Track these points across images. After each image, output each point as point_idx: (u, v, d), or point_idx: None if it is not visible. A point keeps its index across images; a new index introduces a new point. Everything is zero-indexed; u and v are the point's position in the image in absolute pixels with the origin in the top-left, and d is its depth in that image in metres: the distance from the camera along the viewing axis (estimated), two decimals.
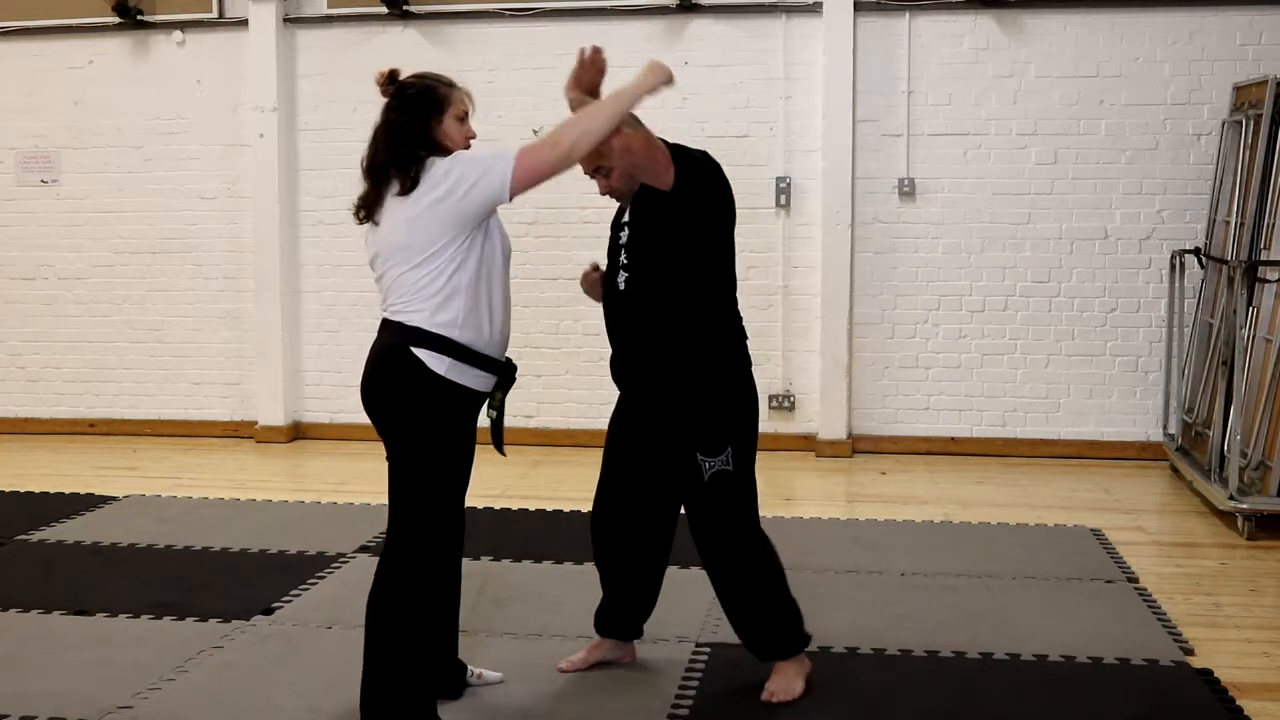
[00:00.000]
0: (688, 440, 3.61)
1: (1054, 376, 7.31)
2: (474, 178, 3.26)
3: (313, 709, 3.72)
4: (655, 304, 3.60)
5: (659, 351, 3.63)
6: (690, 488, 3.65)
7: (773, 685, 3.73)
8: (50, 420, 8.16)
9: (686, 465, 3.62)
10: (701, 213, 3.58)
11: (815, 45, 7.29)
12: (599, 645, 4.02)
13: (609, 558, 3.90)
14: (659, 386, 3.65)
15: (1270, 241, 6.02)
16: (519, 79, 7.44)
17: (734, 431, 3.64)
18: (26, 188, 8.08)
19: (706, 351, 3.63)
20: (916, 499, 6.37)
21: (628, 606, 3.95)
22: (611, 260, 3.72)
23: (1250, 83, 6.56)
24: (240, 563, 5.22)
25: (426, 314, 3.31)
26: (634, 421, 3.76)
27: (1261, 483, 5.73)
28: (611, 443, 3.85)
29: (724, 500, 3.64)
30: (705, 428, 3.61)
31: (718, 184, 3.61)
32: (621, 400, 3.83)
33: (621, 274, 3.64)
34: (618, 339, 3.72)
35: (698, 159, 3.59)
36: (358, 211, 3.43)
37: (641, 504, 3.80)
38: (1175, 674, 4.00)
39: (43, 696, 3.80)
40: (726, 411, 3.64)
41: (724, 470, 3.61)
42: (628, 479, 3.80)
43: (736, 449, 3.64)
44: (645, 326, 3.63)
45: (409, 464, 3.37)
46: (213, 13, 7.78)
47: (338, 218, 6.97)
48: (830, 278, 7.29)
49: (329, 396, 7.87)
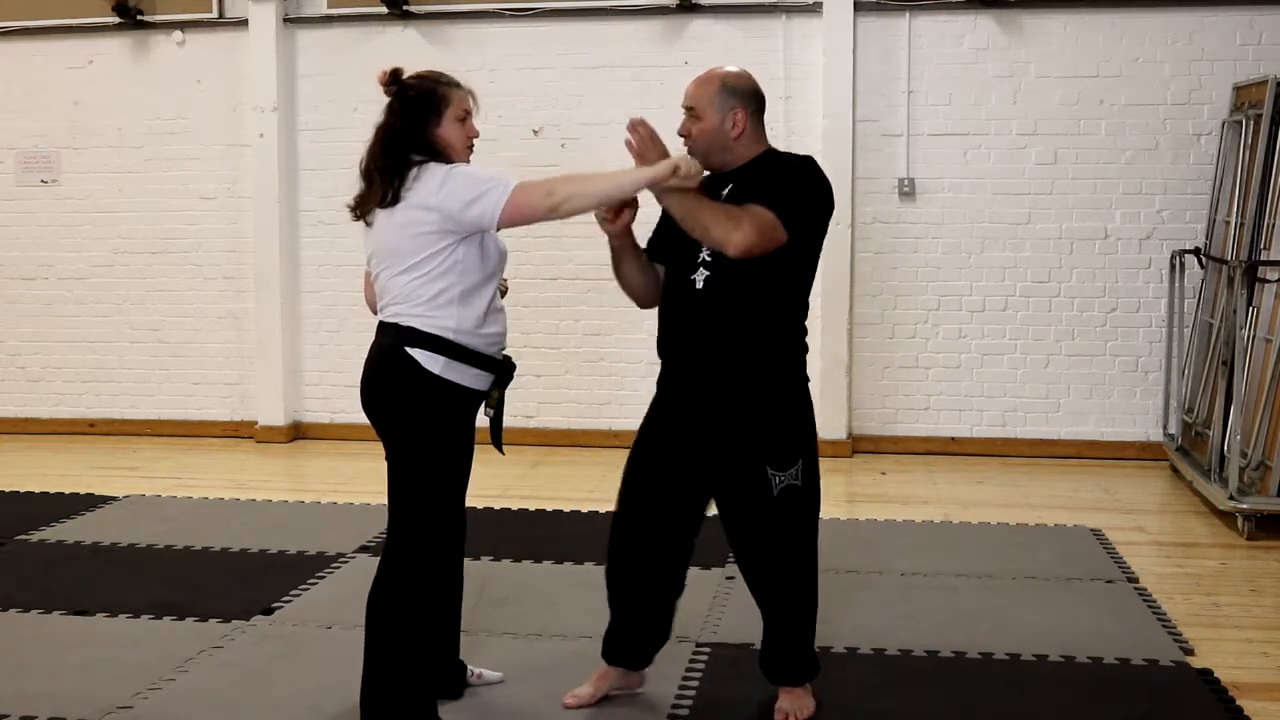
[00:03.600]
0: (759, 453, 3.43)
1: (1054, 376, 7.31)
2: (466, 198, 3.23)
3: (313, 709, 3.72)
4: (738, 307, 3.38)
5: (733, 358, 3.41)
6: (755, 503, 3.46)
7: (785, 705, 3.61)
8: (50, 420, 8.16)
9: (754, 479, 3.44)
10: (807, 221, 3.39)
11: (815, 45, 7.29)
12: (606, 674, 3.77)
13: (629, 578, 3.65)
14: (729, 395, 3.43)
15: (1270, 241, 6.02)
16: (519, 79, 7.44)
17: (804, 445, 3.50)
18: (26, 188, 8.08)
19: (781, 362, 3.46)
20: (916, 499, 6.37)
21: (644, 632, 3.72)
22: (683, 255, 3.46)
23: (1250, 83, 6.56)
24: (240, 563, 5.22)
25: (421, 315, 3.32)
26: (679, 430, 3.52)
27: (1261, 483, 5.73)
28: (644, 454, 3.60)
29: (791, 517, 3.48)
30: (778, 440, 3.44)
31: (826, 194, 3.45)
32: (661, 408, 3.58)
33: (701, 271, 3.41)
34: (684, 341, 3.48)
35: (819, 174, 3.43)
36: (353, 210, 3.44)
37: (674, 522, 3.58)
38: (1175, 674, 4.00)
39: (43, 696, 3.80)
40: (797, 423, 3.49)
41: (793, 485, 3.45)
42: (661, 495, 3.56)
43: (806, 464, 3.49)
44: (722, 330, 3.41)
45: (407, 464, 3.37)
46: (213, 13, 7.78)
47: (338, 218, 6.96)
48: (830, 278, 7.28)
49: (329, 396, 7.87)
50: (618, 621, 3.72)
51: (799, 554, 3.55)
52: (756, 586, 3.60)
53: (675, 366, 3.54)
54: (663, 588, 3.67)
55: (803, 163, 3.46)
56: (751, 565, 3.58)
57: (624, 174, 3.29)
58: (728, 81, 3.44)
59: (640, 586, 3.65)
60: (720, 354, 3.43)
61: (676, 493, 3.56)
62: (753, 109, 3.46)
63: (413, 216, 3.28)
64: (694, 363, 3.48)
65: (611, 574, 3.68)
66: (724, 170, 3.46)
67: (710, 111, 3.42)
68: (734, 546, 3.60)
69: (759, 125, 3.48)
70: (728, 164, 3.46)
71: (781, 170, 3.42)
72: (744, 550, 3.57)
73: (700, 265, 3.42)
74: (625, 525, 3.63)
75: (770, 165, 3.45)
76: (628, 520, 3.62)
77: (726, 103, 3.42)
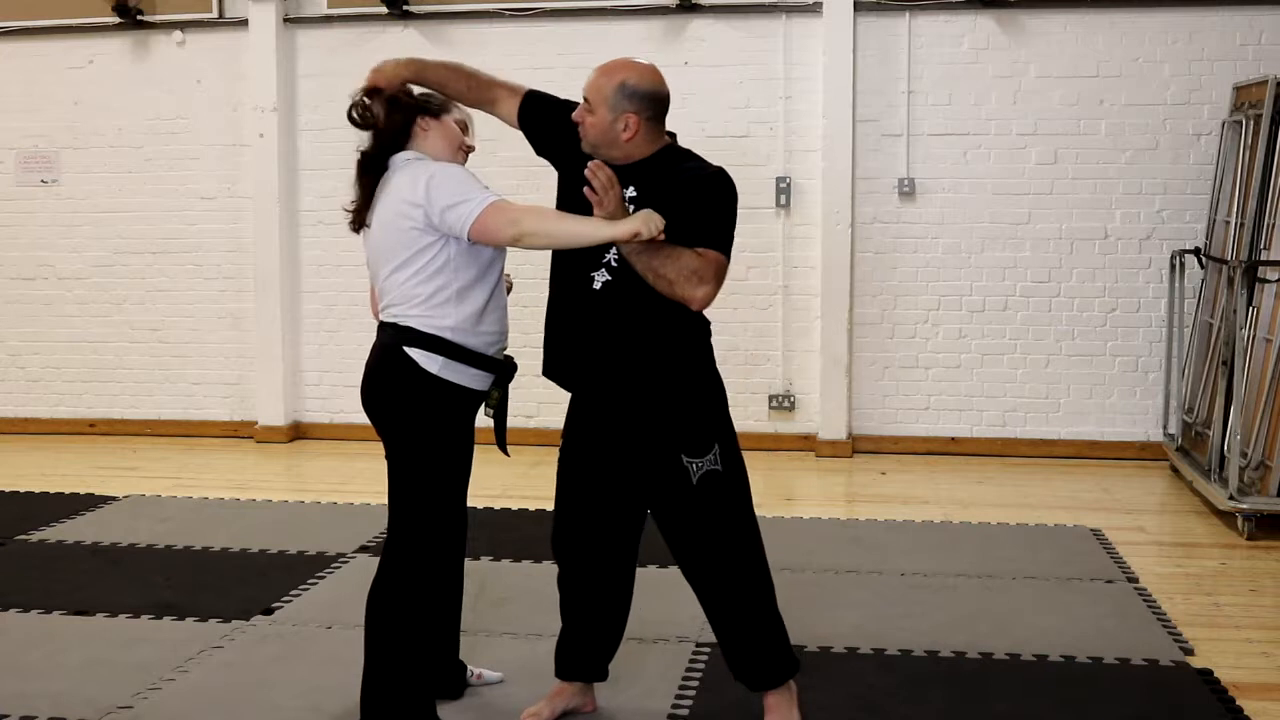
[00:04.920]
0: (670, 443, 3.36)
1: (1054, 376, 7.31)
2: (445, 202, 3.25)
3: (313, 709, 3.72)
4: (637, 309, 3.31)
5: (633, 352, 3.34)
6: (677, 494, 3.38)
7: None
8: (50, 420, 8.16)
9: (671, 470, 3.37)
10: (732, 239, 3.34)
11: (815, 45, 7.29)
12: (561, 692, 3.68)
13: (576, 587, 3.59)
14: (631, 389, 3.37)
15: (1270, 241, 6.02)
16: (519, 79, 7.36)
17: (719, 429, 3.40)
18: (26, 188, 8.08)
19: (683, 351, 3.38)
20: (916, 499, 6.37)
21: (596, 643, 3.64)
22: (579, 254, 3.35)
23: (1250, 83, 6.56)
24: (240, 563, 5.22)
25: (419, 315, 3.33)
26: (596, 435, 3.46)
27: (1261, 483, 5.73)
28: (568, 463, 3.54)
29: (716, 503, 3.39)
30: (688, 427, 3.36)
31: (736, 206, 3.36)
32: (574, 414, 3.53)
33: (602, 272, 3.33)
34: (579, 340, 3.40)
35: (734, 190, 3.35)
36: (352, 223, 3.47)
37: (610, 524, 3.50)
38: (1175, 674, 4.01)
39: (43, 696, 3.80)
40: (707, 408, 3.40)
41: (713, 470, 3.37)
42: (592, 498, 3.49)
43: (723, 446, 3.39)
44: (621, 328, 3.34)
45: (407, 464, 3.37)
46: (213, 13, 7.78)
47: (337, 218, 6.91)
48: (830, 278, 7.29)
49: (329, 396, 7.87)
50: (570, 634, 3.65)
51: (735, 543, 3.42)
52: (700, 586, 3.47)
53: (578, 373, 3.45)
54: (610, 594, 3.59)
55: (723, 181, 3.33)
56: (689, 562, 3.47)
57: (588, 225, 3.22)
58: (628, 82, 3.30)
59: (588, 595, 3.59)
60: (622, 353, 3.35)
61: (607, 503, 3.48)
62: (649, 114, 3.32)
63: (400, 210, 3.31)
64: (589, 360, 3.40)
65: (562, 584, 3.63)
66: (617, 164, 3.31)
67: (603, 109, 3.30)
68: (670, 547, 3.49)
69: (656, 126, 3.35)
70: (618, 159, 3.34)
71: (708, 193, 3.29)
72: (678, 548, 3.47)
73: (604, 266, 3.32)
74: (562, 537, 3.57)
75: (687, 179, 3.31)
76: (564, 532, 3.56)
77: (621, 105, 3.29)
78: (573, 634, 3.65)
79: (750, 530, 3.45)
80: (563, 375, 3.49)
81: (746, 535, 3.44)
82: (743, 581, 3.44)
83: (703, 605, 3.52)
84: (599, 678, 3.70)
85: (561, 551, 3.59)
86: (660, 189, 3.30)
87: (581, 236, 3.25)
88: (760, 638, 3.48)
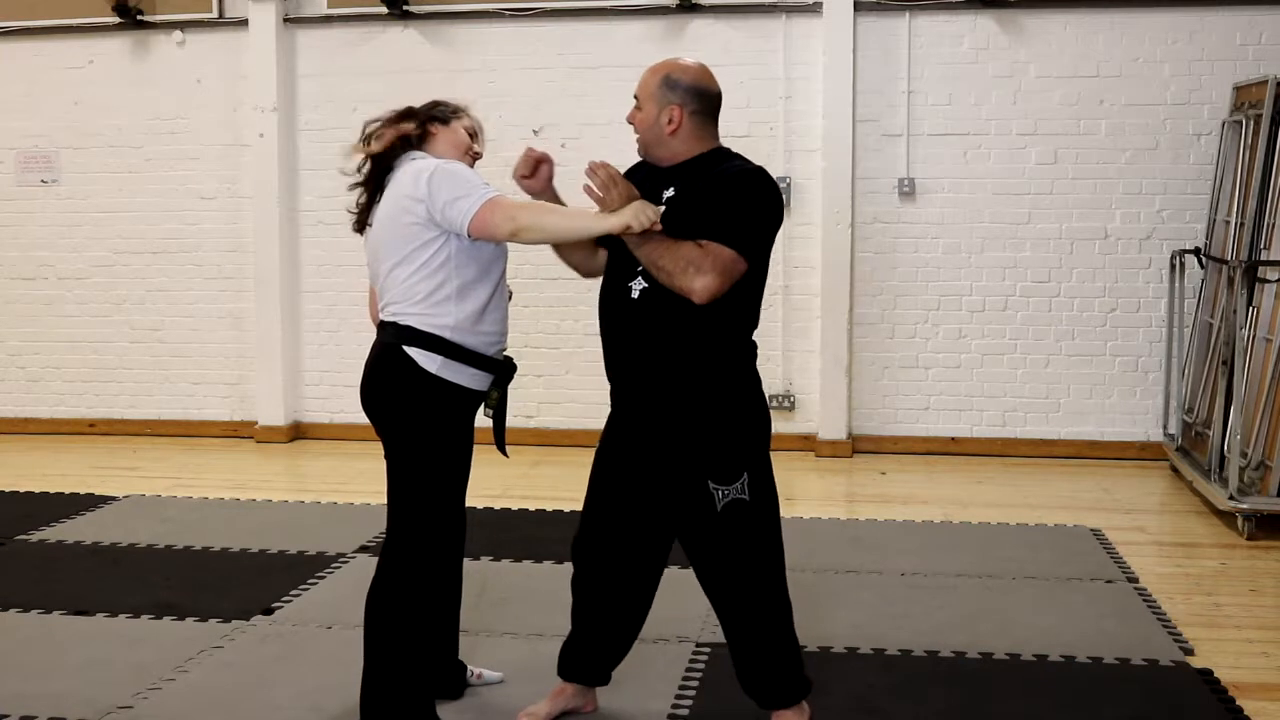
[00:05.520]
0: (698, 466, 3.28)
1: (1054, 376, 7.31)
2: (447, 197, 3.26)
3: (313, 709, 3.72)
4: (676, 320, 3.23)
5: (669, 364, 3.28)
6: (700, 519, 3.30)
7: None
8: (50, 420, 8.16)
9: (696, 494, 3.29)
10: (763, 242, 3.29)
11: (815, 45, 7.29)
12: (562, 692, 3.65)
13: (591, 594, 3.54)
14: (665, 406, 3.30)
15: (1270, 241, 6.02)
16: (519, 79, 7.43)
17: (749, 456, 3.31)
18: (26, 188, 8.08)
19: (722, 372, 3.31)
20: (916, 499, 6.37)
21: (603, 649, 3.60)
22: (619, 262, 3.33)
23: (1250, 83, 6.56)
24: (240, 563, 5.22)
25: (419, 313, 3.33)
26: (629, 444, 3.40)
27: (1261, 483, 5.73)
28: (601, 469, 3.48)
29: (738, 534, 3.30)
30: (718, 452, 3.28)
31: (777, 208, 3.33)
32: (613, 420, 3.47)
33: (638, 280, 3.27)
34: (623, 356, 3.36)
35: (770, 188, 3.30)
36: (355, 223, 3.50)
37: (634, 539, 3.45)
38: (1175, 674, 4.00)
39: (43, 696, 3.80)
40: (741, 434, 3.32)
41: (739, 500, 3.27)
42: (620, 510, 3.43)
43: (754, 476, 3.30)
44: (659, 343, 3.28)
45: (406, 464, 3.37)
46: (213, 13, 7.78)
47: (338, 218, 6.95)
48: (830, 278, 7.29)
49: (329, 396, 7.87)
50: (579, 636, 3.62)
51: (756, 573, 3.35)
52: (717, 606, 3.44)
53: (619, 382, 3.41)
54: (626, 607, 3.55)
55: (753, 178, 3.28)
56: (708, 584, 3.43)
57: (585, 218, 3.24)
58: (671, 75, 3.30)
59: (606, 606, 3.55)
60: (658, 367, 3.30)
61: (633, 514, 3.43)
62: (693, 107, 3.29)
63: (402, 205, 3.32)
64: (634, 377, 3.35)
65: (576, 589, 3.59)
66: (664, 164, 3.33)
67: (649, 104, 3.30)
68: (693, 566, 3.46)
69: (703, 123, 3.33)
70: (665, 158, 3.33)
71: (731, 189, 3.25)
72: (699, 569, 3.43)
73: (639, 273, 3.28)
74: (587, 546, 3.52)
75: (718, 176, 3.28)
76: (590, 541, 3.51)
77: (665, 98, 3.28)
78: (581, 638, 3.62)
79: (773, 563, 3.39)
80: (612, 382, 3.45)
81: (769, 568, 3.38)
82: (760, 610, 3.39)
83: (719, 618, 3.49)
84: (601, 682, 3.68)
85: (582, 557, 3.54)
86: (698, 187, 3.28)
87: (575, 230, 3.29)
88: (773, 659, 3.44)
